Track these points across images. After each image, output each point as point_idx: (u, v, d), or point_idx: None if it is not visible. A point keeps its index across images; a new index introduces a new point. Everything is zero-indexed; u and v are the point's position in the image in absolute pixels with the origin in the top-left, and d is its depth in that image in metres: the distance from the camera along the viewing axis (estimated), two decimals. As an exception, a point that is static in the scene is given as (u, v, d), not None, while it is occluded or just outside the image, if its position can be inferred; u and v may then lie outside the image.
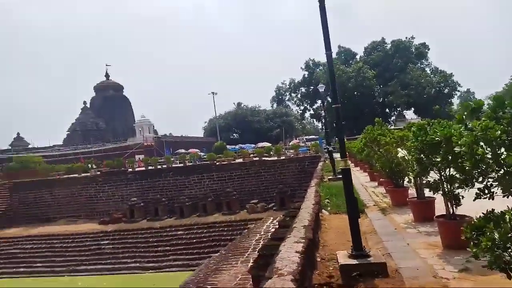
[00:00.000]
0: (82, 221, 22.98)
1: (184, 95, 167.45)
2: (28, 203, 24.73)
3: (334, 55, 62.84)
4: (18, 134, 60.08)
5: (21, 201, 24.86)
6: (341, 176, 13.74)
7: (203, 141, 60.95)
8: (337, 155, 18.29)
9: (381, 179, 10.19)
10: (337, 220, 7.12)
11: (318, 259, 4.46)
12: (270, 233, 14.38)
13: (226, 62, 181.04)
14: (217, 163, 24.20)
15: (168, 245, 17.98)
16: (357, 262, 3.72)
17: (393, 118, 59.83)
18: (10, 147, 54.46)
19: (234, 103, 78.32)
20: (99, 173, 26.02)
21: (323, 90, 17.03)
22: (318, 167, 17.74)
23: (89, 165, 30.03)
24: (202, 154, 33.70)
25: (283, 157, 23.71)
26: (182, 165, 25.96)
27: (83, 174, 26.58)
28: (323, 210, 7.96)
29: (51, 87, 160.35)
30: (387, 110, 60.78)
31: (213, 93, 56.76)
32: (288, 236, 4.22)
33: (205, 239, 17.90)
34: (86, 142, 50.06)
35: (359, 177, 13.87)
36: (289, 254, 3.30)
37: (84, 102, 64.07)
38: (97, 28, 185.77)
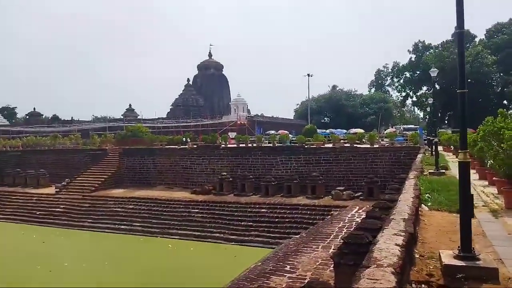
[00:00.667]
0: (177, 188, 24.79)
1: (278, 76, 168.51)
2: (133, 168, 27.48)
3: (448, 37, 56.44)
4: (130, 105, 67.20)
5: (127, 165, 27.73)
6: (443, 170, 12.32)
7: (293, 123, 60.89)
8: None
9: (494, 178, 8.81)
10: (438, 217, 6.38)
11: (417, 256, 4.21)
12: (354, 222, 13.70)
13: (324, 43, 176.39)
14: (306, 146, 23.85)
15: (251, 221, 18.39)
16: (463, 264, 3.44)
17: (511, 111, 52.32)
18: (122, 117, 61.29)
19: (329, 86, 76.52)
20: (195, 146, 27.66)
21: (435, 74, 15.51)
22: (417, 159, 16.30)
23: (184, 138, 32.09)
24: (291, 136, 33.57)
25: (377, 146, 22.34)
26: (271, 145, 26.22)
27: (181, 146, 28.55)
28: (422, 205, 7.20)
29: (161, 65, 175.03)
30: (504, 101, 53.28)
31: (308, 75, 55.82)
32: (386, 227, 4.10)
33: (287, 220, 17.88)
34: (186, 116, 53.63)
35: (465, 174, 12.27)
36: (388, 246, 3.20)
37: (188, 80, 68.54)
38: (204, 9, 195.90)
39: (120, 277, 13.50)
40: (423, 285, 3.29)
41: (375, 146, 22.13)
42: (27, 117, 69.69)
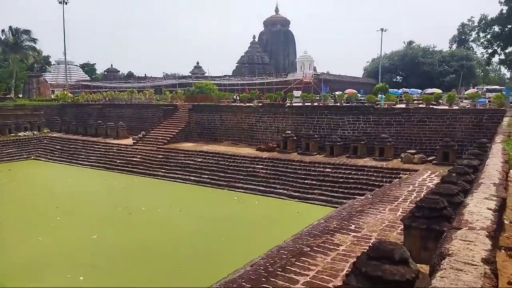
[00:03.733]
0: (242, 145, 25.48)
1: (346, 31, 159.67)
2: (201, 123, 28.61)
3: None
4: (197, 63, 68.85)
5: (196, 121, 28.91)
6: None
7: (362, 81, 58.14)
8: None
9: None
10: None
11: (506, 222, 4.00)
12: (425, 187, 13.11)
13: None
14: (376, 106, 22.81)
15: (315, 179, 18.44)
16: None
17: None
18: (190, 74, 63.20)
19: (404, 42, 71.15)
20: (260, 104, 27.84)
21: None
22: (503, 123, 14.87)
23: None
24: (359, 95, 32.22)
25: (456, 107, 20.65)
26: (338, 104, 25.47)
27: (247, 104, 28.93)
28: (511, 171, 6.67)
29: (227, 23, 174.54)
30: None
31: (382, 29, 52.23)
32: (475, 191, 3.92)
33: (351, 181, 17.65)
34: (251, 74, 53.77)
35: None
36: (480, 210, 3.09)
37: (254, 37, 67.99)
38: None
39: (191, 223, 14.55)
40: None
41: (454, 107, 20.49)
42: (105, 73, 74.84)
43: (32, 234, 13.32)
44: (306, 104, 26.79)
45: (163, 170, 23.15)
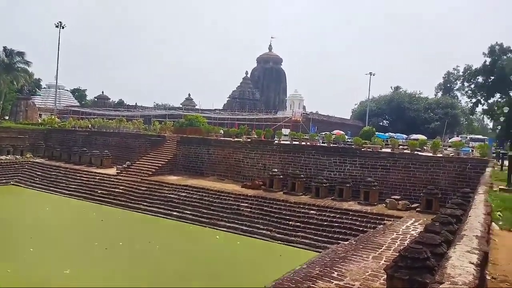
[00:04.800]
0: (228, 180, 25.21)
1: (337, 73, 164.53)
2: (188, 156, 28.38)
3: None
4: (189, 94, 69.59)
5: (183, 153, 28.69)
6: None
7: (349, 123, 59.30)
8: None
9: None
10: (511, 238, 5.88)
11: (488, 277, 4.01)
12: (409, 235, 13.03)
13: (389, 40, 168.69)
14: (363, 149, 23.06)
15: (299, 221, 18.17)
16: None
17: None
18: (181, 106, 63.61)
19: (391, 87, 73.42)
20: (249, 140, 27.91)
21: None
22: (486, 173, 15.10)
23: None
24: (347, 137, 32.67)
25: (440, 155, 20.97)
26: (325, 145, 25.70)
27: (235, 139, 28.96)
28: (492, 223, 6.71)
29: (221, 57, 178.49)
30: None
31: (370, 73, 53.90)
32: (458, 243, 3.97)
33: (336, 225, 17.44)
34: (242, 109, 54.41)
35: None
36: (462, 263, 3.19)
37: (246, 72, 69.44)
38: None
39: (169, 262, 14.03)
40: None
41: (438, 155, 20.81)
42: (96, 99, 74.81)
43: (1, 265, 12.61)
44: (294, 142, 26.95)
45: (145, 203, 22.61)
